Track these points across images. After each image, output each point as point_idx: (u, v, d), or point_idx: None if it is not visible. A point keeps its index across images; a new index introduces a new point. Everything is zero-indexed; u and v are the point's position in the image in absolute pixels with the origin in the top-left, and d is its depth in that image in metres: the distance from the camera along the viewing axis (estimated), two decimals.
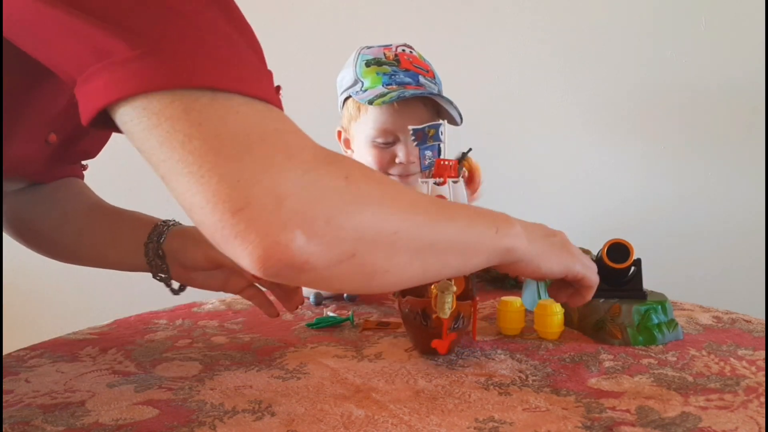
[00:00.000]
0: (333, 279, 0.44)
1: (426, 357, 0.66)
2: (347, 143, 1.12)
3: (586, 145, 1.54)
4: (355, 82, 1.05)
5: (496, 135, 1.52)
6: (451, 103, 1.01)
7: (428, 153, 0.71)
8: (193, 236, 0.70)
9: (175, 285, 0.74)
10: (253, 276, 0.72)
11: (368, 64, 1.04)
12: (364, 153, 1.07)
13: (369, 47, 1.07)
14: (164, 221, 0.73)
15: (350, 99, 1.07)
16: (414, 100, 1.00)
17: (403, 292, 0.72)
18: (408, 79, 1.02)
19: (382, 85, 1.01)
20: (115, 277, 1.55)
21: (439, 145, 0.70)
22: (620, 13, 1.50)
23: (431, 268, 0.50)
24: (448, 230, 0.50)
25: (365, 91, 1.02)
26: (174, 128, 0.38)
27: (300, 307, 0.91)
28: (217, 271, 0.72)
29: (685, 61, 1.50)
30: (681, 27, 1.50)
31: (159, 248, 0.70)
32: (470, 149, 0.98)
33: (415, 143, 0.71)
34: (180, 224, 0.73)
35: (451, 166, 0.70)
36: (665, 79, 1.51)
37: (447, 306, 0.60)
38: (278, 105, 0.44)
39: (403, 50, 1.07)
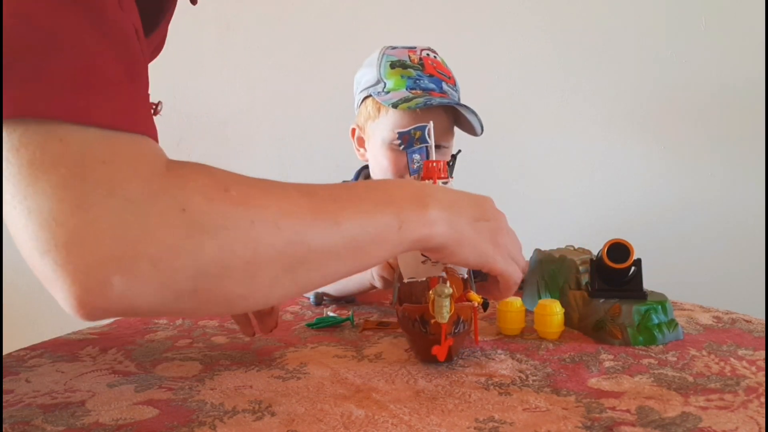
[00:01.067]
0: (178, 311, 0.41)
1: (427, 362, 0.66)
2: (361, 142, 1.11)
3: (586, 145, 1.54)
4: (378, 82, 1.03)
5: (497, 135, 1.52)
6: (474, 114, 1.00)
7: (416, 156, 0.70)
8: None
9: None
10: None
11: (393, 65, 1.02)
12: (378, 154, 1.05)
13: (393, 47, 1.05)
14: None
15: (370, 98, 1.05)
16: (437, 109, 0.99)
17: (400, 299, 0.71)
18: (432, 85, 1.01)
19: (406, 89, 0.99)
20: None
21: (426, 147, 0.69)
22: (620, 14, 1.50)
23: (309, 281, 0.46)
24: (329, 237, 0.45)
25: (388, 92, 1.01)
26: (10, 151, 0.35)
27: (300, 307, 0.92)
28: None
29: (685, 61, 1.50)
30: (681, 27, 1.50)
31: None
32: (459, 151, 0.98)
33: (402, 147, 0.70)
34: None
35: (440, 167, 0.69)
36: (665, 79, 1.51)
37: (445, 310, 0.59)
38: (132, 127, 0.39)
39: (428, 54, 1.06)
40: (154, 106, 0.43)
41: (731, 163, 1.53)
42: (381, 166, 1.06)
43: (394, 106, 0.97)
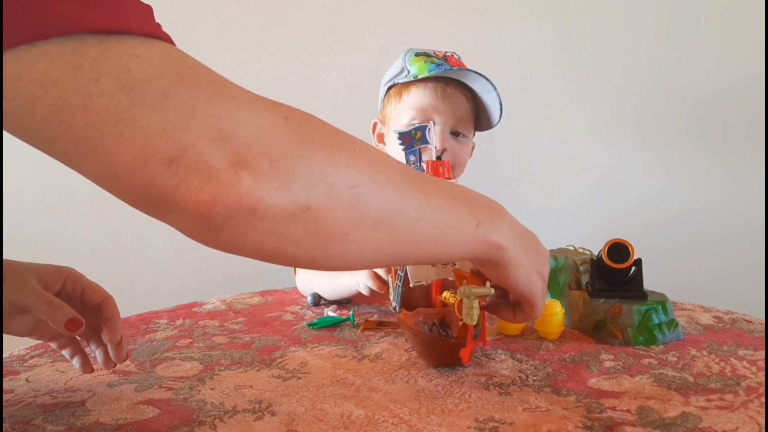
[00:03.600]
0: (288, 237, 0.39)
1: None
2: (380, 138, 1.11)
3: (586, 145, 1.54)
4: (402, 71, 1.05)
5: (497, 135, 1.52)
6: (495, 90, 1.01)
7: (411, 158, 0.70)
8: None
9: None
10: (68, 325, 0.55)
11: (418, 54, 1.04)
12: (396, 141, 1.06)
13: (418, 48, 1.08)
14: None
15: (393, 87, 1.06)
16: (457, 93, 1.01)
17: (408, 306, 0.70)
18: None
19: (428, 72, 1.01)
20: (115, 277, 1.55)
21: (419, 149, 0.69)
22: (620, 14, 1.50)
23: (400, 246, 0.45)
24: (417, 202, 0.44)
25: (412, 77, 1.03)
26: (68, 91, 0.32)
27: (300, 306, 0.92)
28: (23, 316, 0.58)
29: (686, 61, 1.50)
30: (681, 27, 1.50)
31: None
32: (444, 151, 0.99)
33: (402, 148, 0.70)
34: None
35: (445, 168, 0.68)
36: (665, 79, 1.51)
37: (475, 311, 0.56)
38: (170, 41, 0.38)
39: (452, 54, 1.07)
40: None
41: (731, 163, 1.53)
42: (397, 151, 1.06)
43: (415, 76, 0.99)
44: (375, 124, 1.11)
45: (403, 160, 1.02)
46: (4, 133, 0.39)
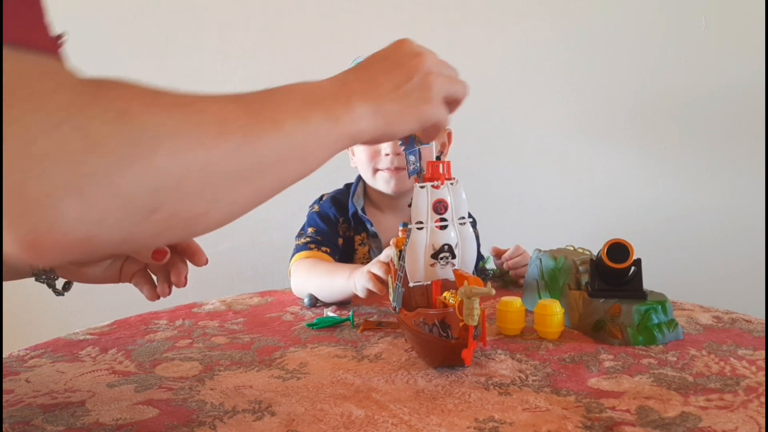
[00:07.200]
0: (138, 241, 0.36)
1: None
2: (353, 151, 1.14)
3: (586, 145, 1.54)
4: None
5: (498, 135, 1.52)
6: None
7: (411, 158, 0.70)
8: None
9: (60, 283, 0.64)
10: (155, 255, 0.60)
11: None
12: (359, 152, 1.09)
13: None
14: None
15: None
16: None
17: (408, 306, 0.70)
18: None
19: None
20: None
21: (419, 149, 0.69)
22: (620, 14, 1.50)
23: (264, 189, 0.43)
24: (273, 142, 0.42)
25: None
26: None
27: (300, 307, 0.92)
28: (111, 261, 0.63)
29: (685, 61, 1.50)
30: (681, 27, 1.50)
31: None
32: (441, 153, 1.01)
33: (403, 148, 0.70)
34: None
35: (446, 168, 0.68)
36: (665, 79, 1.51)
37: (476, 312, 0.56)
38: (37, 45, 0.33)
39: None
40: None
41: (731, 163, 1.53)
42: (359, 160, 1.10)
43: None
44: None
45: (368, 172, 1.06)
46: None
